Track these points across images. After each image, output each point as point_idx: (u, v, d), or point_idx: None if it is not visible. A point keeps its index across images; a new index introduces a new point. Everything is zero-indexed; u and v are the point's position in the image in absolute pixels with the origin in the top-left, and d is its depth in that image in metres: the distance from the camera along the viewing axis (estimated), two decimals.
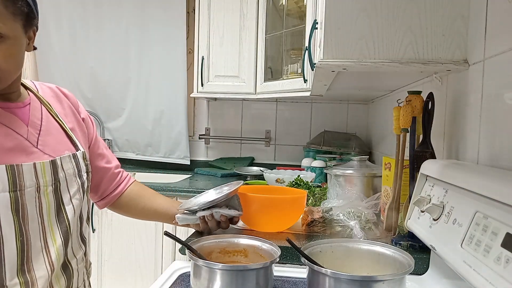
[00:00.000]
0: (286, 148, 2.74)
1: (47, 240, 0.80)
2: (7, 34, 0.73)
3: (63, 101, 0.96)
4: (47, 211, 0.81)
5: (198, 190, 2.07)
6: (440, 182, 0.79)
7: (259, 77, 2.35)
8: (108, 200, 1.09)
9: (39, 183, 0.79)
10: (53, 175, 0.82)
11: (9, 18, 0.73)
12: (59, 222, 0.83)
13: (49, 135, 0.86)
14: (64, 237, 0.83)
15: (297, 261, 0.96)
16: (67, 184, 0.85)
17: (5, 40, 0.73)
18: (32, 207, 0.78)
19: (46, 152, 0.83)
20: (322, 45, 0.99)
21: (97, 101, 2.74)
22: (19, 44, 0.77)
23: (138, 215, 1.16)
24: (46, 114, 0.89)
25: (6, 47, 0.74)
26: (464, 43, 0.94)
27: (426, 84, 1.24)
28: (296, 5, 2.13)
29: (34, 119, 0.85)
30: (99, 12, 2.65)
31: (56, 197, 0.83)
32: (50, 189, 0.81)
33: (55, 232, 0.82)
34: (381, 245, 0.79)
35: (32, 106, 0.86)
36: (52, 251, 0.81)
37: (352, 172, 1.48)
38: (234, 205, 1.03)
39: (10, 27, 0.73)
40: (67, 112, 0.95)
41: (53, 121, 0.89)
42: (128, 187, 1.12)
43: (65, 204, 0.85)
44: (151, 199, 1.13)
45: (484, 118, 0.84)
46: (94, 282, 2.19)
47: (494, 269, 0.54)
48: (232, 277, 0.72)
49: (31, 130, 0.83)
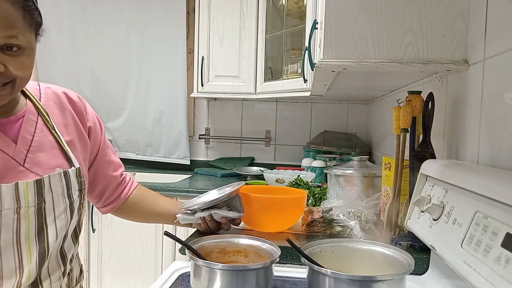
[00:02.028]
0: (286, 148, 2.74)
1: (22, 261, 0.79)
2: (25, 45, 0.74)
3: (66, 110, 0.93)
4: (25, 232, 0.79)
5: (198, 190, 2.07)
6: (440, 182, 0.79)
7: (259, 77, 2.35)
8: (112, 206, 1.08)
9: (20, 204, 0.77)
10: (37, 196, 0.80)
11: (26, 30, 0.74)
12: (39, 242, 0.81)
13: (40, 151, 0.83)
14: (40, 257, 0.81)
15: (297, 261, 0.96)
16: (53, 204, 0.83)
17: (24, 51, 0.74)
18: (8, 228, 0.76)
19: (34, 170, 0.81)
20: (322, 45, 0.99)
21: (97, 101, 2.74)
22: (33, 54, 0.78)
23: (142, 218, 1.16)
24: (41, 127, 0.86)
25: (24, 58, 0.75)
26: (464, 43, 0.94)
27: (426, 84, 1.24)
28: (296, 5, 2.13)
29: (25, 134, 0.82)
30: (99, 12, 2.65)
31: (39, 218, 0.80)
32: (32, 210, 0.79)
33: (32, 252, 0.80)
34: (381, 245, 0.79)
35: (26, 119, 0.84)
36: (26, 271, 0.79)
37: (352, 172, 1.48)
38: (235, 206, 1.03)
39: (27, 38, 0.75)
40: (68, 123, 0.92)
41: (48, 134, 0.86)
42: (131, 192, 1.11)
43: (48, 224, 0.82)
44: (154, 202, 1.13)
45: (484, 118, 0.84)
46: (94, 282, 2.20)
47: (494, 269, 0.54)
48: (232, 277, 0.72)
49: (19, 147, 0.81)
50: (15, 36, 0.71)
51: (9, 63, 0.72)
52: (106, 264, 2.19)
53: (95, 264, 2.19)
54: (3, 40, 0.70)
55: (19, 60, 0.74)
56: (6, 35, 0.70)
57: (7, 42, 0.71)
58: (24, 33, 0.73)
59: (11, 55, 0.73)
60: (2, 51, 0.72)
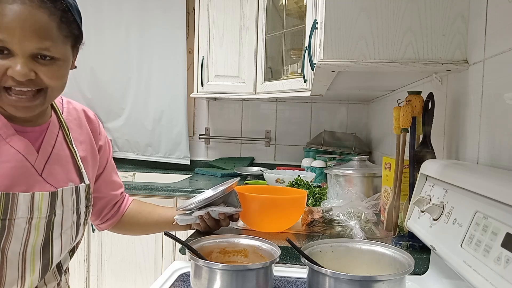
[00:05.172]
0: (286, 148, 2.74)
1: (25, 271, 0.79)
2: (58, 57, 0.74)
3: (83, 127, 0.95)
4: (33, 243, 0.79)
5: (198, 190, 2.07)
6: (440, 182, 0.79)
7: (259, 77, 2.35)
8: (110, 222, 1.09)
9: (33, 215, 0.78)
10: (50, 208, 0.81)
11: (61, 41, 0.75)
12: (43, 254, 0.81)
13: (56, 164, 0.85)
14: (43, 269, 0.82)
15: (297, 261, 0.96)
16: (62, 217, 0.83)
17: (56, 61, 0.75)
18: (18, 238, 0.77)
19: (49, 181, 0.82)
20: (322, 45, 0.99)
21: (97, 101, 2.74)
22: (67, 65, 0.79)
23: (141, 230, 1.16)
24: (61, 140, 0.87)
25: (56, 68, 0.75)
26: (464, 43, 0.94)
27: (426, 84, 1.24)
28: (296, 5, 2.13)
29: (46, 145, 0.84)
30: (99, 12, 2.65)
31: (47, 230, 0.81)
32: (43, 222, 0.80)
33: (36, 264, 0.80)
34: (381, 245, 0.79)
35: (49, 130, 0.85)
36: (27, 281, 0.80)
37: (352, 172, 1.48)
38: (232, 202, 1.03)
39: (61, 50, 0.75)
40: (84, 140, 0.94)
41: (66, 148, 0.88)
42: (128, 207, 1.12)
43: (54, 238, 0.83)
44: (150, 213, 1.13)
45: (484, 118, 0.84)
46: (94, 282, 2.19)
47: (494, 269, 0.54)
48: (232, 277, 0.72)
49: (40, 158, 0.82)
50: (47, 48, 0.72)
51: (41, 71, 0.73)
52: (106, 264, 2.19)
53: (95, 264, 2.19)
54: (36, 50, 0.71)
55: (51, 69, 0.74)
56: (39, 47, 0.71)
57: (39, 52, 0.72)
58: (57, 45, 0.74)
59: (43, 64, 0.73)
60: (35, 60, 0.72)
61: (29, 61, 0.71)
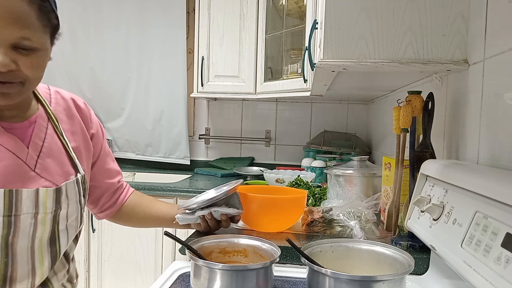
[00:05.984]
0: (286, 148, 2.74)
1: (35, 265, 0.80)
2: (39, 47, 0.74)
3: (74, 117, 0.94)
4: (40, 237, 0.80)
5: (198, 190, 2.07)
6: (440, 182, 0.79)
7: (259, 77, 2.35)
8: (108, 212, 1.09)
9: (38, 210, 0.78)
10: (56, 203, 0.81)
11: (41, 31, 0.74)
12: (51, 247, 0.82)
13: (49, 157, 0.84)
14: (52, 261, 0.83)
15: (297, 261, 0.96)
16: (67, 211, 0.84)
17: (36, 52, 0.74)
18: (24, 233, 0.77)
19: (44, 176, 0.82)
20: (322, 45, 0.99)
21: (97, 101, 2.74)
22: (47, 55, 0.78)
23: (140, 223, 1.16)
24: (51, 133, 0.86)
25: (37, 58, 0.75)
26: (464, 43, 0.94)
27: (426, 84, 1.24)
28: (296, 5, 2.13)
29: (36, 140, 0.83)
30: (99, 11, 2.65)
31: (54, 224, 0.82)
32: (49, 217, 0.80)
33: (44, 256, 0.81)
34: (381, 245, 0.79)
35: (37, 124, 0.84)
36: (38, 273, 0.80)
37: (352, 172, 1.48)
38: (234, 204, 1.03)
39: (41, 39, 0.74)
40: (76, 130, 0.93)
41: (57, 140, 0.87)
42: (127, 198, 1.11)
43: (60, 231, 0.83)
44: (150, 206, 1.13)
45: (484, 118, 0.84)
46: (94, 282, 2.19)
47: (494, 269, 0.54)
48: (232, 277, 0.72)
49: (31, 153, 0.81)
50: (28, 38, 0.71)
51: (22, 62, 0.72)
52: (106, 264, 2.19)
53: (95, 264, 2.19)
54: (16, 39, 0.70)
55: (31, 59, 0.74)
56: (19, 35, 0.70)
57: (20, 42, 0.71)
58: (37, 34, 0.73)
59: (24, 54, 0.73)
60: (16, 50, 0.72)
61: (9, 51, 0.71)
